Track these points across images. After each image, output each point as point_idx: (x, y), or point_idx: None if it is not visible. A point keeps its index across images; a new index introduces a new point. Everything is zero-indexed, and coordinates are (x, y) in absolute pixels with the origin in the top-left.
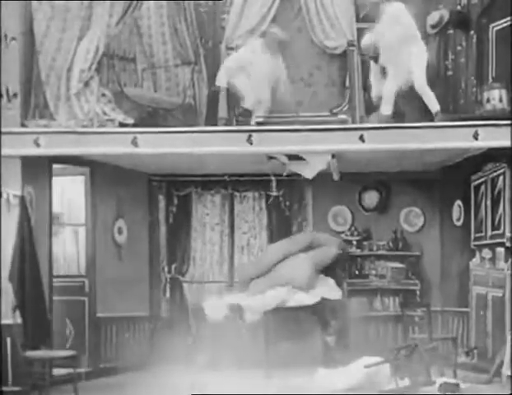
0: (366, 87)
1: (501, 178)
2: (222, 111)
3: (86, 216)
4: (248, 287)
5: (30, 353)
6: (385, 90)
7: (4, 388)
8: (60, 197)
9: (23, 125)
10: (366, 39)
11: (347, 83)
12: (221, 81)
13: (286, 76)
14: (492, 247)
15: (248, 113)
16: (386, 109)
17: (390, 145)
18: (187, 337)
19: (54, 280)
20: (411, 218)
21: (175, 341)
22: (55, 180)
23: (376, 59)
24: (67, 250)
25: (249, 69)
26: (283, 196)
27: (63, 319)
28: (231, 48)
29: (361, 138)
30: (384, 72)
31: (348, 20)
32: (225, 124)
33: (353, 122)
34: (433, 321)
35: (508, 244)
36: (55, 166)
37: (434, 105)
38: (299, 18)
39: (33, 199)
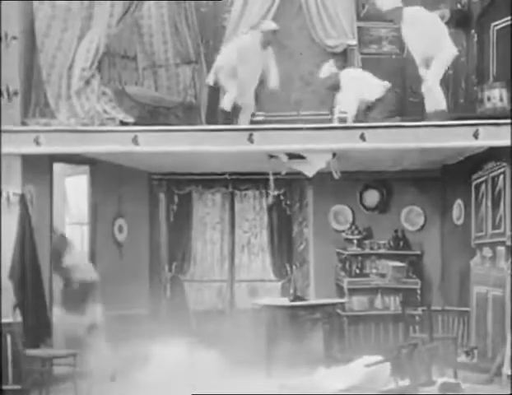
0: None
1: (502, 177)
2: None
3: (88, 215)
4: None
5: (31, 351)
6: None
7: (4, 387)
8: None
9: (23, 123)
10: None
11: None
12: (210, 79)
13: (277, 68)
14: (493, 246)
15: (226, 115)
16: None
17: (391, 144)
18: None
19: None
20: (412, 217)
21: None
22: (60, 180)
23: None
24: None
25: (238, 68)
26: (284, 195)
27: None
28: None
29: (362, 137)
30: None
31: (349, 19)
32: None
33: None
34: (433, 320)
35: (508, 243)
36: (60, 167)
37: (438, 103)
38: (299, 17)
39: (33, 197)
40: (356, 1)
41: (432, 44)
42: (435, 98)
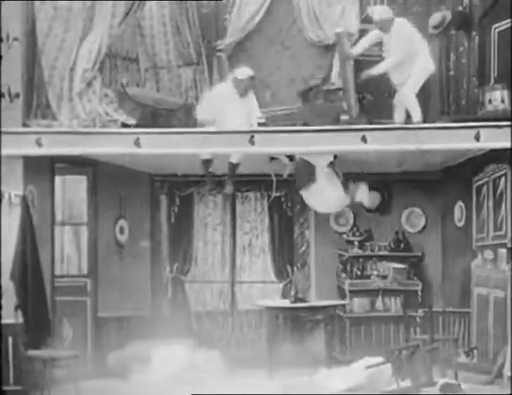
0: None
1: (503, 179)
2: None
3: (89, 216)
4: None
5: (32, 352)
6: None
7: (5, 388)
8: (62, 197)
9: (25, 125)
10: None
11: (339, 69)
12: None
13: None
14: (494, 248)
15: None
16: (417, 115)
17: (392, 145)
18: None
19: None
20: (413, 219)
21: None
22: (58, 180)
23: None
24: (70, 250)
25: (219, 119)
26: (285, 196)
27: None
28: (220, 50)
29: (363, 139)
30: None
31: (333, 20)
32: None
33: (348, 108)
34: (434, 322)
35: (510, 245)
36: (58, 166)
37: (415, 115)
38: (299, 19)
39: (35, 198)
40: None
41: (411, 57)
42: (404, 111)
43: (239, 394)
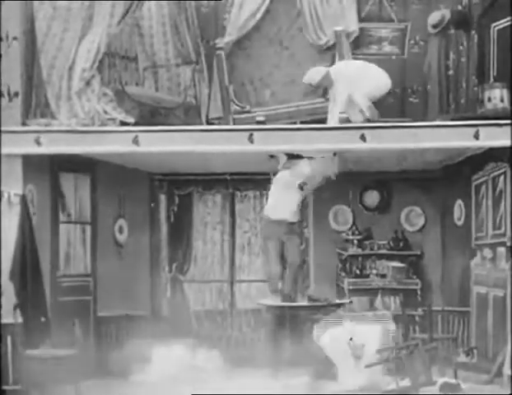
0: None
1: (502, 177)
2: (216, 111)
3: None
4: None
5: (31, 352)
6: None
7: (5, 387)
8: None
9: (24, 124)
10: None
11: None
12: None
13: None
14: (493, 246)
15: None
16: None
17: (391, 144)
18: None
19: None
20: (412, 218)
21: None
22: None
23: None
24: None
25: None
26: None
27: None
28: (219, 49)
29: (362, 137)
30: None
31: (334, 22)
32: (220, 123)
33: None
34: (433, 320)
35: (509, 244)
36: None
37: (366, 113)
38: (300, 18)
39: (34, 198)
40: (357, 2)
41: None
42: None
43: (239, 394)
